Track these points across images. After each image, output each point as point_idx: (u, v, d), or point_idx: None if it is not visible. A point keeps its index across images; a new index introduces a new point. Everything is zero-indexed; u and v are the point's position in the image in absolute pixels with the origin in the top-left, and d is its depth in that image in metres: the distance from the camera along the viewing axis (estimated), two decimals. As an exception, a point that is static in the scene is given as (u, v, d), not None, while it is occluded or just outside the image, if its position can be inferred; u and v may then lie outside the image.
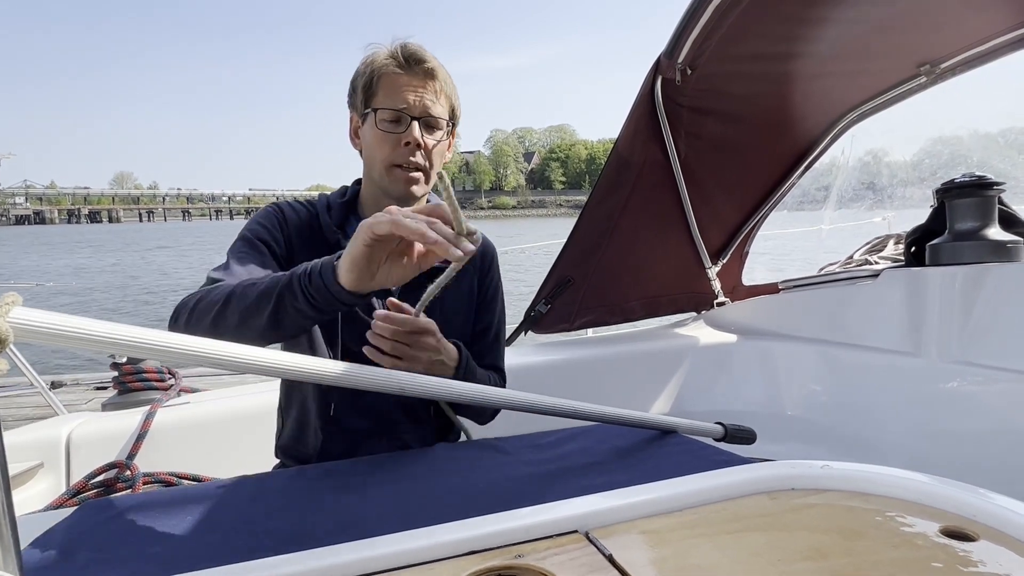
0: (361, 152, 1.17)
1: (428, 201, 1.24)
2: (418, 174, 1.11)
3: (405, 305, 0.98)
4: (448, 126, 1.15)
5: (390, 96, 1.09)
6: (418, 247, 0.83)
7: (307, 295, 0.84)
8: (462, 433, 1.25)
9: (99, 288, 16.79)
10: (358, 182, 1.23)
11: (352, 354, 1.09)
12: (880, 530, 0.56)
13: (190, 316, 0.92)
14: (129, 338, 0.57)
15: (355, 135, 1.17)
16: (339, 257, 0.83)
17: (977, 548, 0.52)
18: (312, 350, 1.11)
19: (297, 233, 1.14)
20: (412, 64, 1.09)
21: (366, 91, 1.11)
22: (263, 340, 0.89)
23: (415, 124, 1.09)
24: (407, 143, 1.08)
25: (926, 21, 1.81)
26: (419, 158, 1.10)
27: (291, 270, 0.87)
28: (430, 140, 1.11)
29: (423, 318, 0.98)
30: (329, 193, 1.23)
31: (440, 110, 1.12)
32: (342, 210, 1.18)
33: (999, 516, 0.56)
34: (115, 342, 0.55)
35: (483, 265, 1.28)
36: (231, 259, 1.05)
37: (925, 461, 1.69)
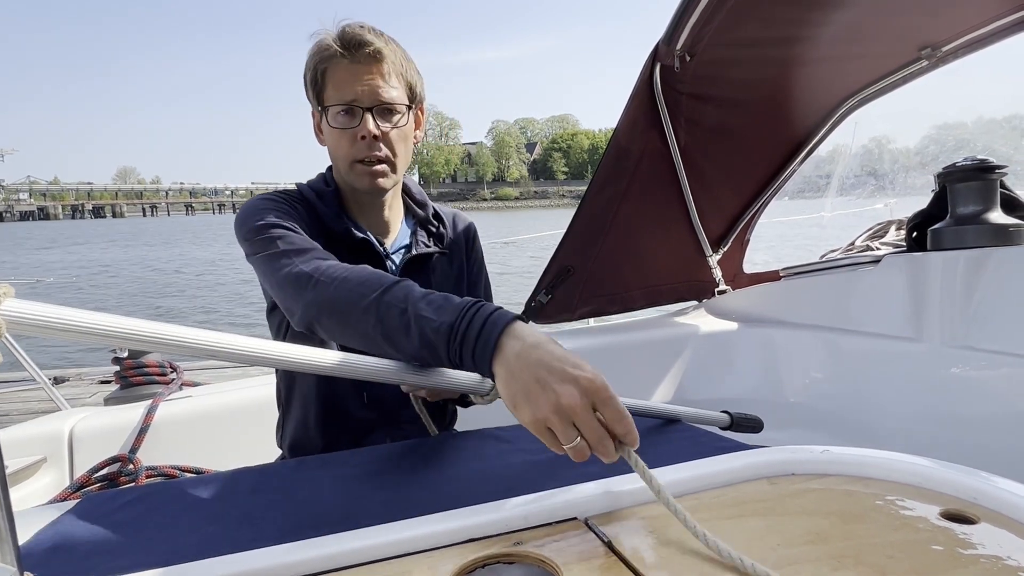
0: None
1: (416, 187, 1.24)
2: (381, 166, 1.07)
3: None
4: (408, 106, 1.09)
5: (338, 89, 1.04)
6: None
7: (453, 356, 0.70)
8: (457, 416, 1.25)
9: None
10: (331, 169, 1.18)
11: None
12: (880, 514, 0.56)
13: (322, 314, 0.81)
14: (125, 330, 0.56)
15: (319, 131, 1.12)
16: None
17: (977, 531, 0.52)
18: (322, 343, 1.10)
19: (300, 219, 1.06)
20: (355, 49, 1.02)
21: (315, 86, 1.07)
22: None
23: (368, 116, 1.04)
24: (363, 137, 1.04)
25: (927, 4, 1.79)
26: (379, 150, 1.06)
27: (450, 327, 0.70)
28: (388, 127, 1.06)
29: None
30: (308, 182, 1.17)
31: (394, 93, 1.06)
32: (335, 198, 1.14)
33: (1000, 499, 0.55)
34: (110, 334, 0.55)
35: (467, 246, 1.29)
36: (294, 246, 0.91)
37: (928, 446, 1.69)
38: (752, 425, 1.12)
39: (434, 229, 1.22)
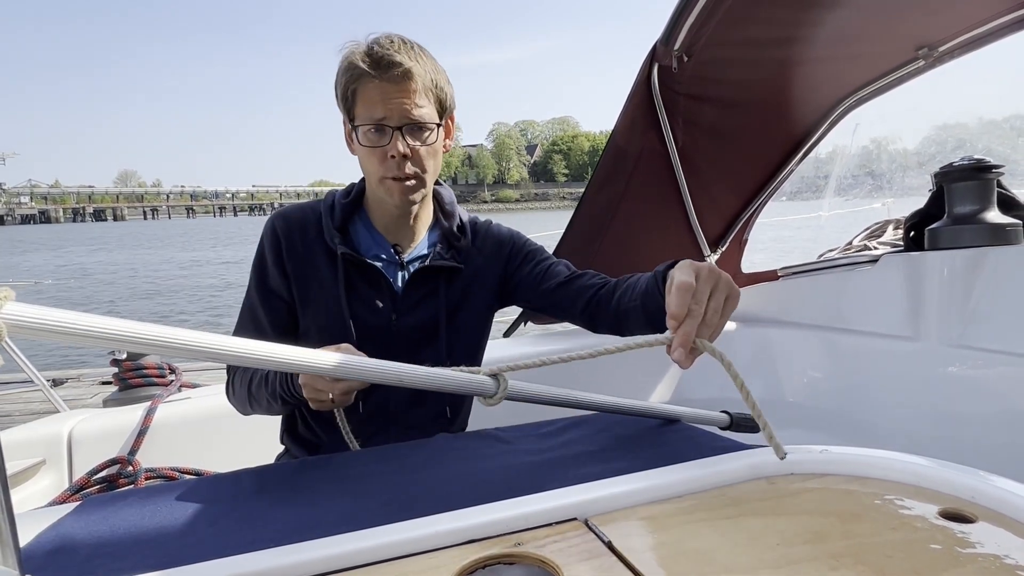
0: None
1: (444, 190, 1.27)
2: (411, 182, 1.08)
3: None
4: (438, 122, 1.10)
5: (368, 108, 1.05)
6: None
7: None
8: (467, 423, 1.25)
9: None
10: (364, 180, 1.20)
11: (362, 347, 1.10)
12: (879, 513, 0.56)
13: (238, 404, 1.16)
14: (125, 333, 0.56)
15: (349, 140, 1.13)
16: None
17: (976, 530, 0.52)
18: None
19: (290, 247, 1.14)
20: (383, 69, 1.02)
21: (345, 102, 1.08)
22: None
23: (397, 136, 1.05)
24: (392, 156, 1.05)
25: (924, 4, 1.79)
26: (408, 168, 1.07)
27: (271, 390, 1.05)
28: (417, 144, 1.07)
29: None
30: (338, 190, 1.21)
31: (424, 111, 1.06)
32: (345, 211, 1.17)
33: (998, 498, 0.56)
34: (111, 337, 0.55)
35: (501, 256, 1.25)
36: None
37: (926, 444, 1.70)
38: (751, 425, 1.12)
39: (456, 242, 1.21)
